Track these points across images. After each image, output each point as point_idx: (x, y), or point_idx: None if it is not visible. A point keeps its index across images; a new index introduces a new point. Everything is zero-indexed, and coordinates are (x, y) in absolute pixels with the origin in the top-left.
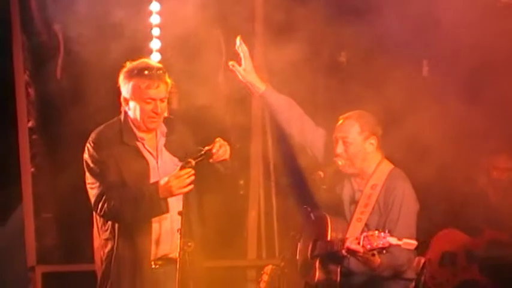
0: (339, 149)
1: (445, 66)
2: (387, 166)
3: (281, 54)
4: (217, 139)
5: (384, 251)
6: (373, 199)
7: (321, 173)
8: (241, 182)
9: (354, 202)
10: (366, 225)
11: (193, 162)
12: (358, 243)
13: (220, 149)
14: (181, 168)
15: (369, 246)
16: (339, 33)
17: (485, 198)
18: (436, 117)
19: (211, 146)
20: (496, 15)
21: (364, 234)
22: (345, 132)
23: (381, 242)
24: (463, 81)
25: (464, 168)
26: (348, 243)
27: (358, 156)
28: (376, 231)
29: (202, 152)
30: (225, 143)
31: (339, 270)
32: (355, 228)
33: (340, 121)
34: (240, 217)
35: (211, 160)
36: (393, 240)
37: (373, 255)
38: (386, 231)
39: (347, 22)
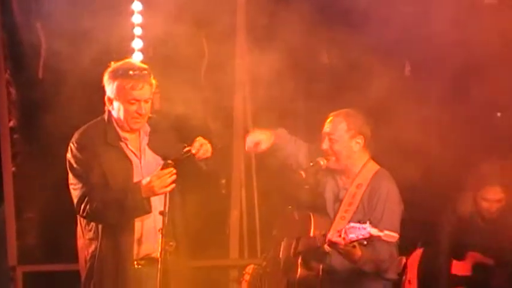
0: (325, 145)
1: (427, 67)
2: (373, 166)
3: (264, 56)
4: (197, 138)
5: (365, 242)
6: (358, 198)
7: (303, 173)
8: (223, 181)
9: (338, 200)
10: (350, 223)
11: (172, 163)
12: (340, 236)
13: (201, 148)
14: (162, 168)
15: (350, 237)
16: (321, 35)
17: (471, 224)
18: (418, 119)
19: (191, 145)
20: (479, 15)
21: (346, 226)
22: (332, 129)
23: (362, 233)
24: (446, 82)
25: (449, 175)
26: (329, 236)
27: (343, 154)
28: (358, 223)
29: (182, 152)
30: (206, 141)
31: (321, 267)
32: (338, 226)
33: (330, 118)
34: (222, 216)
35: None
36: (374, 231)
37: (354, 247)
38: (368, 223)
39: (330, 23)
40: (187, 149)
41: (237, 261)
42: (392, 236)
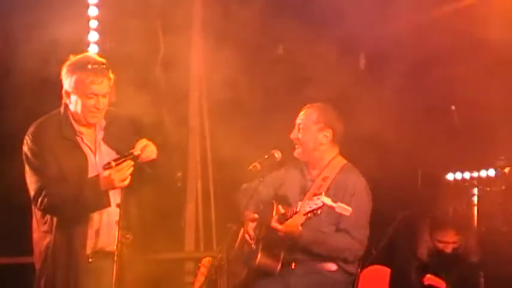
0: (294, 134)
1: (382, 60)
2: (341, 161)
3: (219, 49)
4: (140, 140)
5: (319, 212)
6: (323, 190)
7: (258, 165)
8: (179, 174)
9: (304, 192)
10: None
11: (113, 164)
12: (295, 212)
13: (144, 150)
14: (103, 169)
15: (305, 209)
16: (276, 27)
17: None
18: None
19: (134, 147)
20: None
21: (302, 201)
22: (302, 119)
23: (315, 203)
24: (401, 75)
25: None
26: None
27: (310, 145)
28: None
29: (125, 154)
30: (150, 143)
31: (281, 255)
32: (298, 218)
33: (304, 109)
34: (178, 209)
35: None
36: (327, 201)
37: (309, 218)
38: (322, 194)
39: (285, 15)
40: (130, 151)
41: (192, 253)
42: (345, 208)
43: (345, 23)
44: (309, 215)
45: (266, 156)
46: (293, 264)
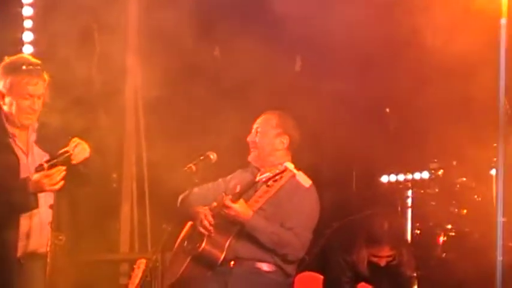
0: (251, 137)
1: (318, 62)
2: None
3: (155, 49)
4: (73, 139)
5: (277, 177)
6: (271, 193)
7: (193, 167)
8: (114, 175)
9: (254, 191)
10: (261, 208)
11: (45, 166)
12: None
13: (76, 149)
14: (35, 171)
15: (266, 175)
16: (213, 28)
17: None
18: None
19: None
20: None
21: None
22: (260, 123)
23: (277, 169)
24: (336, 77)
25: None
26: (224, 200)
27: (266, 149)
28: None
29: (58, 153)
30: (82, 142)
31: (226, 244)
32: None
33: (263, 115)
34: (113, 210)
35: (73, 162)
36: (290, 166)
37: (268, 186)
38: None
39: (221, 17)
40: (62, 150)
41: (127, 255)
42: (306, 179)
43: (281, 25)
44: (269, 182)
45: (201, 158)
46: (232, 263)
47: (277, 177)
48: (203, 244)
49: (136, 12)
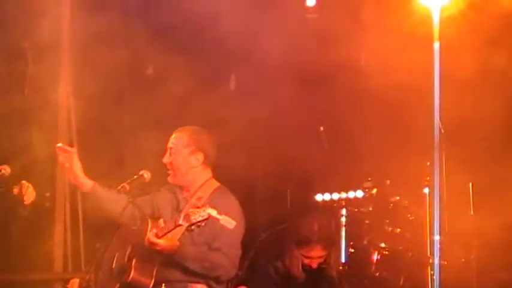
0: (166, 158)
1: (252, 81)
2: (214, 183)
3: (88, 68)
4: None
5: (203, 224)
6: None
7: (127, 186)
8: (48, 194)
9: (178, 210)
10: (187, 229)
11: None
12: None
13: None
14: None
15: (191, 219)
16: (146, 47)
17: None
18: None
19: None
20: (309, 32)
21: (184, 212)
22: (173, 143)
23: (201, 214)
24: (272, 96)
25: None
26: (148, 235)
27: (182, 169)
28: (197, 208)
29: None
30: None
31: (154, 271)
32: (177, 232)
33: (174, 133)
34: (46, 229)
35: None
36: (213, 212)
37: (192, 230)
38: (207, 206)
39: (155, 36)
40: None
41: (61, 274)
42: (229, 221)
43: (216, 45)
44: (193, 227)
45: (135, 177)
46: (163, 285)
47: (202, 223)
48: (131, 273)
49: (69, 30)
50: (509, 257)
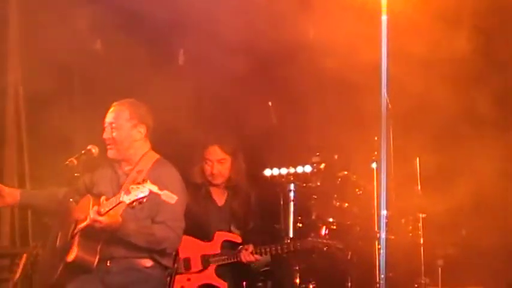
0: (107, 134)
1: (201, 55)
2: (154, 155)
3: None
4: None
5: (145, 200)
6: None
7: (74, 160)
8: None
9: (119, 185)
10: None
11: None
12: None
13: None
14: None
15: (131, 197)
16: (93, 24)
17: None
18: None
19: None
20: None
21: (125, 188)
22: (114, 117)
23: (142, 191)
24: (220, 71)
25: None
26: (90, 215)
27: (125, 143)
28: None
29: None
30: None
31: (98, 248)
32: (118, 208)
33: (112, 107)
34: None
35: None
36: (154, 188)
37: (133, 207)
38: (148, 181)
39: (102, 10)
40: None
41: (8, 249)
42: (171, 196)
43: (165, 20)
44: (134, 204)
45: (83, 152)
46: (108, 262)
47: (144, 199)
48: (75, 251)
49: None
50: (455, 232)
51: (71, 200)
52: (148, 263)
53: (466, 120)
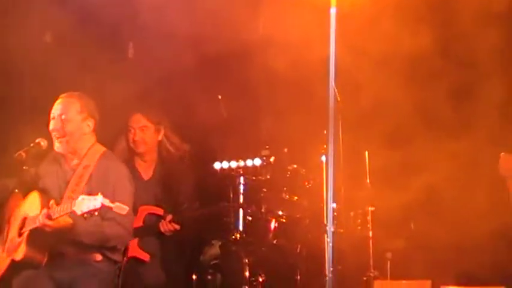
0: (55, 126)
1: (150, 48)
2: (100, 148)
3: None
4: None
5: (96, 213)
6: (85, 178)
7: (23, 154)
8: None
9: (66, 181)
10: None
11: None
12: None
13: None
14: None
15: (82, 209)
16: (43, 12)
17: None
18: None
19: None
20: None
21: (78, 199)
22: (64, 110)
23: (94, 204)
24: (169, 63)
25: None
26: (39, 219)
27: (75, 136)
28: (89, 195)
29: None
30: None
31: (47, 248)
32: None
33: (60, 99)
34: None
35: None
36: (106, 202)
37: (85, 219)
38: (99, 194)
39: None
40: None
41: None
42: (123, 208)
43: (114, 13)
44: (85, 215)
45: (31, 145)
46: (57, 259)
47: (95, 212)
48: (24, 249)
49: None
50: (404, 225)
51: (16, 191)
52: (97, 257)
53: (418, 116)
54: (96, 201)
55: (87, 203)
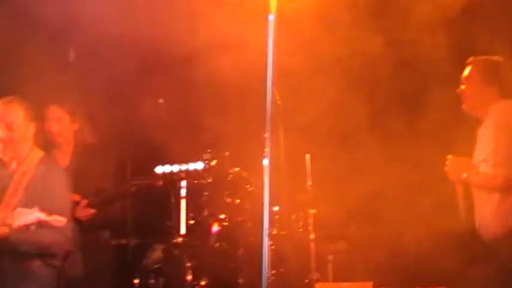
0: (1, 133)
1: (92, 53)
2: (38, 153)
3: None
4: None
5: (33, 227)
6: (23, 185)
7: None
8: None
9: (2, 187)
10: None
11: None
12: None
13: None
14: None
15: (19, 223)
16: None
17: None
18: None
19: None
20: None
21: (15, 212)
22: (11, 117)
23: (30, 218)
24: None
25: None
26: None
27: (20, 141)
28: (26, 209)
29: None
30: None
31: None
32: (2, 214)
33: (6, 106)
34: None
35: None
36: (42, 216)
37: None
38: (36, 208)
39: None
40: None
41: None
42: (60, 220)
43: (54, 16)
44: (22, 229)
45: None
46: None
47: (32, 226)
48: None
49: None
50: (345, 226)
51: None
52: (37, 263)
53: (361, 119)
54: (33, 215)
55: (23, 217)
